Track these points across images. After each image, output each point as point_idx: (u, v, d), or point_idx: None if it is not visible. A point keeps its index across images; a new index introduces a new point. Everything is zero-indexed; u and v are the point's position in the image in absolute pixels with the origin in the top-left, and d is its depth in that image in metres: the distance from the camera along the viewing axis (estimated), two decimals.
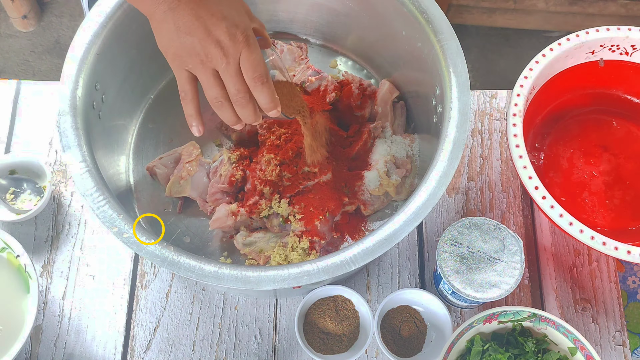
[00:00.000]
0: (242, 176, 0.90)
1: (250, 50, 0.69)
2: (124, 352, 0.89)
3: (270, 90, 0.71)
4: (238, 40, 0.68)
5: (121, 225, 0.73)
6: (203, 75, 0.70)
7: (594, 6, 1.83)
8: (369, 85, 0.97)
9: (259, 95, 0.70)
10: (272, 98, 0.72)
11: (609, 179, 0.99)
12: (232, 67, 0.68)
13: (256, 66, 0.69)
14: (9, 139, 1.01)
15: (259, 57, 0.70)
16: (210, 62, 0.68)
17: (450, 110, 0.79)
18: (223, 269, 0.71)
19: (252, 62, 0.69)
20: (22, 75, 1.99)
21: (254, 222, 0.90)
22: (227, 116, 0.72)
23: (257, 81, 0.69)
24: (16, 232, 0.95)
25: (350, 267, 0.71)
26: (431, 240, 0.96)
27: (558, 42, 0.93)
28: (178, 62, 0.70)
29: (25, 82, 1.05)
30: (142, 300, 0.92)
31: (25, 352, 0.89)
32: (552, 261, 0.95)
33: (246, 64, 0.69)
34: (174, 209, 0.93)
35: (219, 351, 0.90)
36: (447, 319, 0.86)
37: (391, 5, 0.87)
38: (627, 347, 0.91)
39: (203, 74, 0.69)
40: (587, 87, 1.01)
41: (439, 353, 0.84)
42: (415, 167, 0.94)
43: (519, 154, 0.85)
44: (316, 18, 1.00)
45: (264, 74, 0.70)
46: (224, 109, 0.72)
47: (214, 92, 0.70)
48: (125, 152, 0.96)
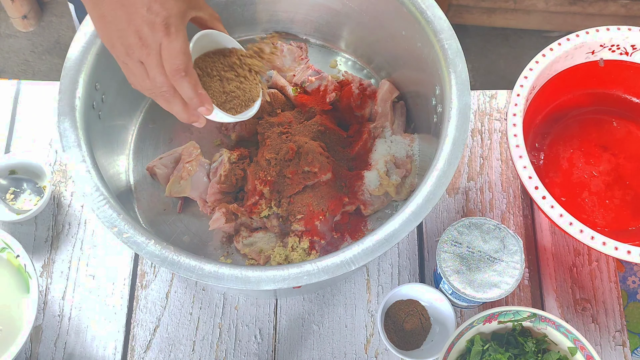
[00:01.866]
0: (242, 176, 0.90)
1: (170, 39, 0.63)
2: (124, 352, 0.89)
3: (191, 84, 0.66)
4: (157, 29, 0.63)
5: (121, 225, 0.73)
6: (132, 66, 0.66)
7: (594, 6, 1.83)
8: (369, 85, 0.97)
9: (180, 90, 0.66)
10: (195, 93, 0.66)
11: (609, 179, 0.99)
12: (152, 58, 0.64)
13: (175, 57, 0.64)
14: (9, 139, 1.01)
15: (179, 47, 0.64)
16: (133, 53, 0.64)
17: (450, 110, 0.79)
18: (223, 269, 0.71)
19: (170, 53, 0.64)
20: (22, 75, 1.99)
21: (254, 222, 0.90)
22: (167, 109, 0.68)
23: (176, 74, 0.64)
24: (16, 232, 0.95)
25: (350, 267, 0.71)
26: (431, 240, 0.96)
27: (558, 42, 0.93)
28: (113, 53, 0.67)
29: (25, 82, 1.05)
30: (142, 300, 0.92)
31: (25, 352, 0.89)
32: (552, 261, 0.95)
33: (165, 55, 0.64)
34: (174, 209, 0.93)
35: (219, 351, 0.90)
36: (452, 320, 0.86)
37: (391, 5, 0.87)
38: (627, 347, 0.91)
39: (132, 65, 0.66)
40: (587, 87, 1.01)
41: (437, 353, 0.84)
42: (415, 167, 0.94)
43: (519, 154, 0.85)
44: (316, 18, 1.00)
45: (183, 66, 0.64)
46: (159, 102, 0.68)
47: (145, 83, 0.66)
48: (125, 152, 0.96)
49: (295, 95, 0.96)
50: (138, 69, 0.66)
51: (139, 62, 0.65)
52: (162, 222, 0.92)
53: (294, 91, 0.97)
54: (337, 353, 0.90)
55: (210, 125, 0.98)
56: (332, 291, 0.93)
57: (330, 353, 0.90)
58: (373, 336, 0.91)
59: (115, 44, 0.65)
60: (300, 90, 0.97)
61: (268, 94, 0.95)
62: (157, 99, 0.68)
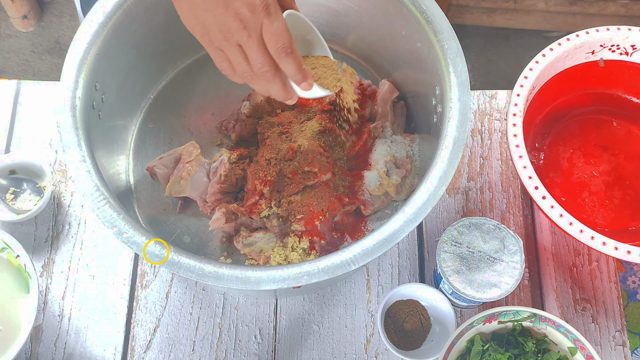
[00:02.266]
0: (242, 176, 0.90)
1: (271, 19, 0.65)
2: (124, 352, 0.89)
3: (296, 61, 0.67)
4: (257, 10, 0.64)
5: (121, 225, 0.73)
6: (229, 51, 0.67)
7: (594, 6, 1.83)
8: (369, 85, 0.97)
9: (285, 67, 0.67)
10: (300, 69, 0.67)
11: (609, 179, 0.99)
12: (253, 39, 0.65)
13: (279, 36, 0.65)
14: (9, 139, 1.01)
15: (282, 26, 0.65)
16: (232, 37, 0.65)
17: (450, 110, 0.79)
18: (223, 269, 0.71)
19: (274, 32, 0.65)
20: (22, 75, 1.99)
21: (254, 222, 0.90)
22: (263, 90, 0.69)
23: (282, 52, 0.65)
24: (16, 232, 0.95)
25: (350, 267, 0.71)
26: (431, 240, 0.96)
27: (558, 42, 0.93)
28: (207, 40, 0.67)
29: (25, 82, 1.05)
30: (142, 300, 0.92)
31: (25, 352, 0.89)
32: (552, 261, 0.95)
33: (268, 35, 0.65)
34: (174, 209, 0.93)
35: (219, 351, 0.90)
36: (452, 320, 0.86)
37: (391, 5, 0.87)
38: (627, 347, 0.91)
39: (229, 50, 0.66)
40: (587, 87, 1.01)
41: (437, 353, 0.84)
42: (415, 167, 0.94)
43: (519, 154, 0.85)
44: (316, 18, 1.00)
45: (288, 43, 0.66)
46: (256, 83, 0.69)
47: (242, 67, 0.67)
48: (125, 152, 0.96)
49: None
50: (235, 52, 0.66)
51: (237, 46, 0.66)
52: (162, 222, 0.92)
53: None
54: (337, 353, 0.90)
55: (211, 125, 0.98)
56: (332, 291, 0.93)
57: (330, 353, 0.90)
58: (373, 336, 0.91)
59: (211, 30, 0.66)
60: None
61: None
62: (254, 81, 0.68)
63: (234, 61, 0.67)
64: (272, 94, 0.70)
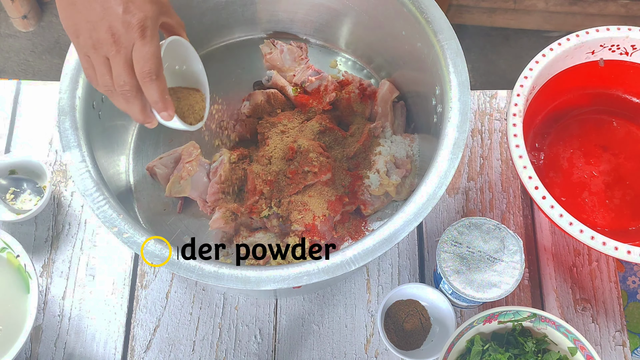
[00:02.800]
0: (242, 176, 0.90)
1: (144, 42, 0.64)
2: (124, 352, 0.89)
3: (159, 89, 0.66)
4: (132, 29, 0.63)
5: (121, 225, 0.73)
6: (95, 60, 0.65)
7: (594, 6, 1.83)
8: (369, 85, 0.97)
9: (147, 93, 0.66)
10: (162, 97, 0.66)
11: (609, 179, 0.99)
12: (121, 57, 0.64)
13: (147, 60, 0.64)
14: (9, 139, 1.01)
15: (153, 51, 0.64)
16: (101, 48, 0.64)
17: (450, 110, 0.79)
18: (223, 269, 0.71)
19: (144, 55, 0.64)
20: (22, 75, 1.99)
21: (254, 222, 0.90)
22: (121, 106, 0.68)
23: (146, 77, 0.64)
24: (16, 232, 0.95)
25: (350, 267, 0.71)
26: (431, 240, 0.96)
27: (558, 42, 0.93)
28: (76, 44, 0.66)
29: (25, 82, 1.05)
30: (142, 300, 0.92)
31: (25, 352, 0.89)
32: (552, 261, 0.95)
33: (137, 56, 0.64)
34: (174, 209, 0.93)
35: (219, 351, 0.90)
36: (452, 320, 0.86)
37: (391, 5, 0.87)
38: (627, 347, 0.91)
39: (95, 59, 0.65)
40: (587, 87, 1.01)
41: (437, 353, 0.84)
42: (415, 167, 0.94)
43: (519, 154, 0.85)
44: (316, 18, 1.00)
45: (155, 69, 0.64)
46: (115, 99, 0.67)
47: (104, 80, 0.66)
48: (125, 152, 0.96)
49: (295, 95, 0.96)
50: (101, 64, 0.65)
51: (104, 58, 0.65)
52: (162, 222, 0.92)
53: (294, 91, 0.97)
54: (337, 353, 0.90)
55: (211, 125, 0.98)
56: (332, 291, 0.93)
57: (330, 353, 0.90)
58: (373, 336, 0.91)
59: (82, 35, 0.65)
60: (300, 90, 0.97)
61: (268, 94, 0.96)
62: (114, 97, 0.67)
63: (98, 72, 0.66)
64: (130, 114, 0.69)
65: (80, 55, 0.67)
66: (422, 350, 0.88)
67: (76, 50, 0.67)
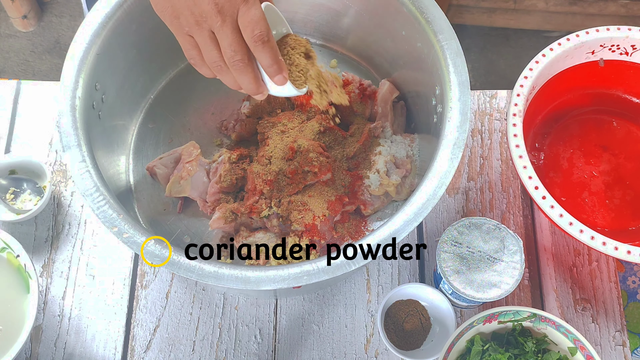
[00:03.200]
0: (242, 176, 0.90)
1: (248, 5, 0.62)
2: (124, 352, 0.89)
3: (273, 51, 0.63)
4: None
5: (121, 225, 0.73)
6: (199, 37, 0.63)
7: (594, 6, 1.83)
8: (369, 85, 0.97)
9: (260, 57, 0.64)
10: (276, 59, 0.64)
11: (609, 179, 0.99)
12: (227, 25, 0.62)
13: (256, 23, 0.62)
14: (9, 139, 1.01)
15: (259, 14, 0.62)
16: (205, 22, 0.62)
17: (450, 110, 0.79)
18: (223, 269, 0.71)
19: (251, 19, 0.62)
20: (22, 75, 1.99)
21: (254, 222, 0.90)
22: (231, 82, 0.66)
23: (258, 40, 0.62)
24: (16, 232, 0.95)
25: (350, 267, 0.71)
26: (431, 240, 0.96)
27: (558, 42, 0.93)
28: (176, 25, 0.64)
29: (25, 82, 1.05)
30: (142, 300, 0.92)
31: (25, 352, 0.89)
32: (552, 261, 0.95)
33: (244, 21, 0.62)
34: (174, 209, 0.93)
35: (219, 351, 0.90)
36: (452, 320, 0.86)
37: (391, 5, 0.87)
38: (627, 347, 0.91)
39: (199, 36, 0.63)
40: (587, 87, 1.01)
41: (437, 353, 0.84)
42: (415, 167, 0.94)
43: (519, 154, 0.85)
44: (316, 18, 1.00)
45: (265, 32, 0.62)
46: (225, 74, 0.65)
47: (212, 55, 0.64)
48: (125, 152, 0.96)
49: None
50: (206, 39, 0.63)
51: (209, 32, 0.63)
52: (162, 222, 0.92)
53: None
54: (337, 353, 0.90)
55: (211, 125, 0.98)
56: (332, 291, 0.93)
57: (330, 353, 0.90)
58: (373, 336, 0.91)
59: (183, 13, 0.63)
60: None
61: None
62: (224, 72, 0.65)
63: (204, 48, 0.64)
64: (242, 86, 0.66)
65: (180, 37, 0.65)
66: (422, 350, 0.88)
67: (175, 33, 0.65)
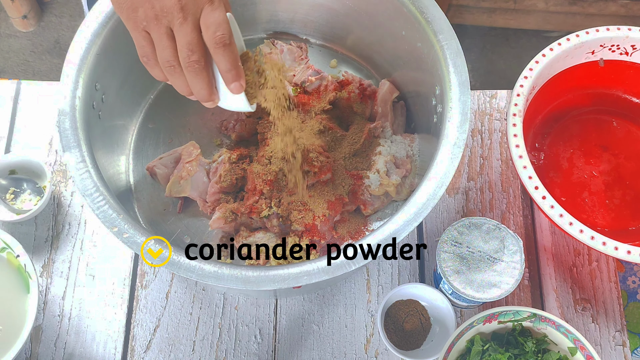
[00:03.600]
0: (242, 176, 0.90)
1: (213, 7, 0.61)
2: (124, 352, 0.89)
3: (233, 55, 0.62)
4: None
5: (121, 225, 0.73)
6: (156, 33, 0.61)
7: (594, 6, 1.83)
8: (369, 85, 0.97)
9: (219, 59, 0.62)
10: (235, 64, 0.62)
11: (609, 179, 0.99)
12: (188, 24, 0.60)
13: (219, 25, 0.61)
14: (9, 139, 1.01)
15: (223, 17, 0.61)
16: (165, 17, 0.61)
17: (450, 110, 0.79)
18: (223, 269, 0.71)
19: (215, 20, 0.61)
20: (22, 75, 1.99)
21: (254, 222, 0.90)
22: (182, 86, 0.64)
23: (219, 42, 0.61)
24: (16, 232, 0.95)
25: (350, 267, 0.71)
26: (431, 240, 0.96)
27: (558, 42, 0.93)
28: (133, 19, 0.62)
29: (25, 82, 1.05)
30: (142, 300, 0.92)
31: (25, 352, 0.89)
32: (552, 261, 0.95)
33: (207, 22, 0.61)
34: (174, 209, 0.93)
35: (219, 351, 0.90)
36: (452, 320, 0.86)
37: (391, 5, 0.87)
38: (627, 347, 0.91)
39: (156, 32, 0.61)
40: (587, 87, 1.01)
41: (437, 353, 0.84)
42: (415, 167, 0.94)
43: (519, 154, 0.85)
44: (316, 18, 1.00)
45: (228, 35, 0.61)
46: (176, 76, 0.63)
47: (166, 53, 0.62)
48: (125, 152, 0.96)
49: (295, 95, 0.96)
50: (163, 35, 0.62)
51: (167, 28, 0.62)
52: (162, 222, 0.92)
53: (294, 91, 0.97)
54: (337, 353, 0.90)
55: (211, 125, 0.98)
56: (332, 291, 0.93)
57: (330, 353, 0.90)
58: (373, 336, 0.91)
59: (143, 6, 0.61)
60: (300, 90, 0.97)
61: None
62: (176, 74, 0.63)
63: (159, 45, 0.62)
64: (194, 91, 0.64)
65: (136, 32, 0.63)
66: (422, 350, 0.88)
67: (131, 27, 0.63)
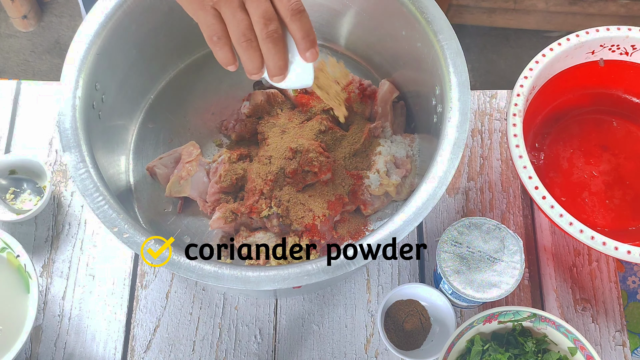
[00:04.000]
0: (242, 176, 0.90)
1: None
2: (124, 352, 0.89)
3: (309, 22, 0.62)
4: None
5: (121, 225, 0.73)
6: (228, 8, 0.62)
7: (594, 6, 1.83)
8: (369, 85, 0.97)
9: (296, 27, 0.62)
10: (311, 31, 0.62)
11: (609, 179, 0.99)
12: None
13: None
14: (9, 139, 1.01)
15: None
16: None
17: (450, 110, 0.79)
18: (223, 269, 0.71)
19: None
20: (22, 75, 1.99)
21: (254, 222, 0.90)
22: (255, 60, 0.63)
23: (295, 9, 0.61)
24: (16, 232, 0.95)
25: (350, 267, 0.71)
26: (431, 240, 0.96)
27: (558, 42, 0.93)
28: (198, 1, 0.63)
29: (25, 82, 1.05)
30: (142, 300, 0.92)
31: (25, 352, 0.89)
32: (552, 261, 0.95)
33: None
34: (174, 209, 0.93)
35: (219, 351, 0.90)
36: (452, 320, 0.86)
37: (391, 5, 0.87)
38: (627, 347, 0.91)
39: (228, 6, 0.61)
40: (587, 87, 1.01)
41: (437, 353, 0.84)
42: (415, 167, 0.94)
43: (519, 154, 0.85)
44: (316, 18, 1.00)
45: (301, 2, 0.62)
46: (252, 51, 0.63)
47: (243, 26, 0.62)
48: (125, 152, 0.96)
49: (295, 95, 0.96)
50: (236, 10, 0.61)
51: (240, 2, 0.61)
52: (162, 222, 0.92)
53: (294, 91, 0.97)
54: (337, 353, 0.90)
55: (211, 125, 0.98)
56: (332, 291, 0.93)
57: (330, 353, 0.90)
58: (373, 336, 0.91)
59: None
60: (301, 90, 0.97)
61: (268, 94, 0.96)
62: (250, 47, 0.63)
63: (234, 20, 0.62)
64: (271, 63, 0.64)
65: (202, 11, 0.63)
66: (422, 350, 0.88)
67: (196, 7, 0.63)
